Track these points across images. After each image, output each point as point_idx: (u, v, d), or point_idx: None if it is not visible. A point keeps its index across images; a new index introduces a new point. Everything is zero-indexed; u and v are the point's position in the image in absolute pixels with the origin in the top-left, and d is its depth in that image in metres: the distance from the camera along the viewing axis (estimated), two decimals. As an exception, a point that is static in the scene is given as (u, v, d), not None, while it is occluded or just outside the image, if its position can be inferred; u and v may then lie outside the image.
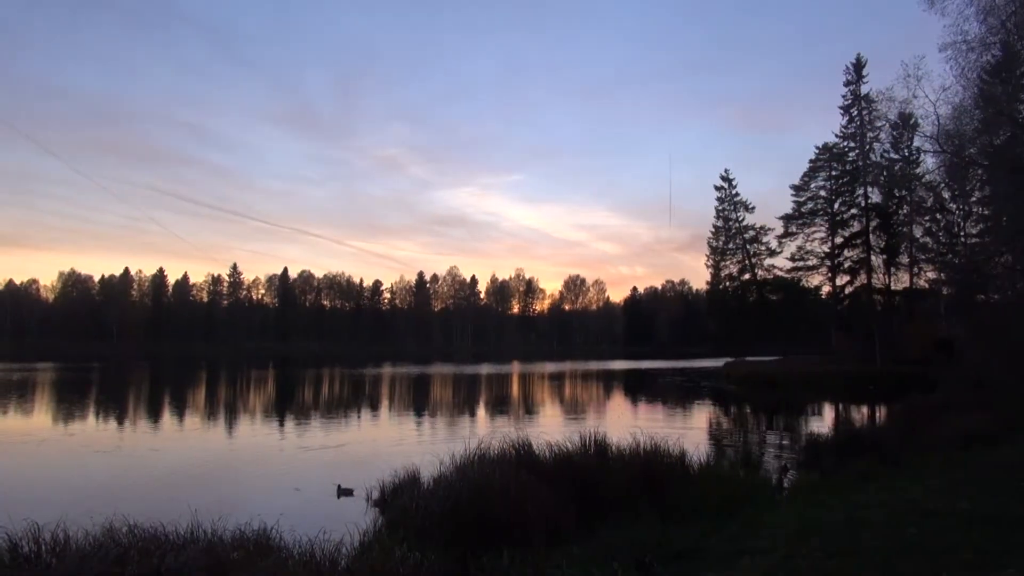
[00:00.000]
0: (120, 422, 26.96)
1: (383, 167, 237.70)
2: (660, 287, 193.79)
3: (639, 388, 50.81)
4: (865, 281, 60.68)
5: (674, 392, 45.33)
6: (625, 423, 25.65)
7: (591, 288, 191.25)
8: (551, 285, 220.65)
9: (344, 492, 13.58)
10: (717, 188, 72.47)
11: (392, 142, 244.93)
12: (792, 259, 66.18)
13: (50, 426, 25.24)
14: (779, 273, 69.02)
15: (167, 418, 28.98)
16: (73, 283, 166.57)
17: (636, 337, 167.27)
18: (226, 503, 12.30)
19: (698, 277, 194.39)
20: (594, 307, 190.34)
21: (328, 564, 6.98)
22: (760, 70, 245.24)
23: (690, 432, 23.23)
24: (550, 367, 78.86)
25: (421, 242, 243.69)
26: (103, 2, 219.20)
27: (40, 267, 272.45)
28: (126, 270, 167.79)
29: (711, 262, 72.75)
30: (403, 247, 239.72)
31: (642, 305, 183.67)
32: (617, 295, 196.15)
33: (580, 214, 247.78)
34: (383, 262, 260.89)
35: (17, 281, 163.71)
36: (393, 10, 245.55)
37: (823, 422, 29.51)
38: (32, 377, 51.66)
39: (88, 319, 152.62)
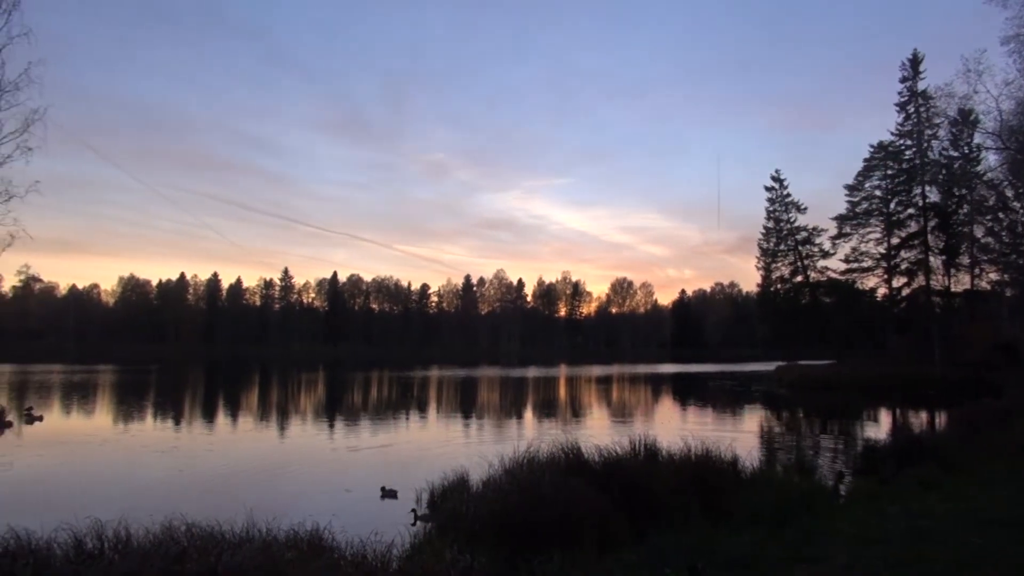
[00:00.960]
0: (177, 423, 27.68)
1: (431, 171, 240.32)
2: (709, 290, 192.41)
3: (688, 392, 50.15)
4: (923, 283, 58.99)
5: (724, 396, 44.62)
6: (674, 427, 25.40)
7: (638, 291, 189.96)
8: (598, 288, 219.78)
9: (388, 494, 13.57)
10: (767, 189, 70.98)
11: (439, 146, 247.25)
12: (846, 260, 64.79)
13: (111, 426, 26.04)
14: (832, 275, 67.26)
15: (222, 419, 29.68)
16: (132, 288, 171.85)
17: (684, 340, 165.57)
18: (280, 503, 12.55)
19: (748, 279, 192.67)
20: (641, 310, 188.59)
21: (380, 566, 7.00)
22: (811, 67, 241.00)
23: (741, 436, 22.83)
24: (597, 370, 78.40)
25: (468, 246, 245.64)
26: (160, 16, 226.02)
27: (101, 272, 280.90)
28: (182, 275, 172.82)
29: (762, 264, 71.28)
30: (450, 251, 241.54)
31: (690, 308, 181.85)
32: (665, 298, 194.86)
33: (627, 216, 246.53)
34: (431, 266, 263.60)
35: (80, 286, 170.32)
36: (440, 16, 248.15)
37: (880, 427, 28.67)
38: (93, 379, 53.47)
39: (146, 322, 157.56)
